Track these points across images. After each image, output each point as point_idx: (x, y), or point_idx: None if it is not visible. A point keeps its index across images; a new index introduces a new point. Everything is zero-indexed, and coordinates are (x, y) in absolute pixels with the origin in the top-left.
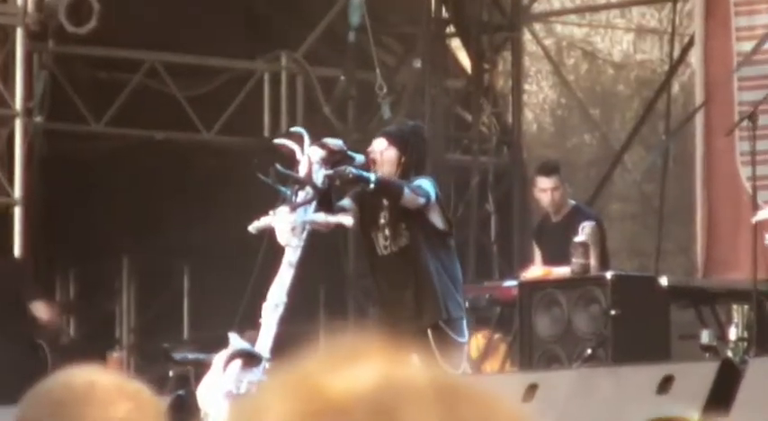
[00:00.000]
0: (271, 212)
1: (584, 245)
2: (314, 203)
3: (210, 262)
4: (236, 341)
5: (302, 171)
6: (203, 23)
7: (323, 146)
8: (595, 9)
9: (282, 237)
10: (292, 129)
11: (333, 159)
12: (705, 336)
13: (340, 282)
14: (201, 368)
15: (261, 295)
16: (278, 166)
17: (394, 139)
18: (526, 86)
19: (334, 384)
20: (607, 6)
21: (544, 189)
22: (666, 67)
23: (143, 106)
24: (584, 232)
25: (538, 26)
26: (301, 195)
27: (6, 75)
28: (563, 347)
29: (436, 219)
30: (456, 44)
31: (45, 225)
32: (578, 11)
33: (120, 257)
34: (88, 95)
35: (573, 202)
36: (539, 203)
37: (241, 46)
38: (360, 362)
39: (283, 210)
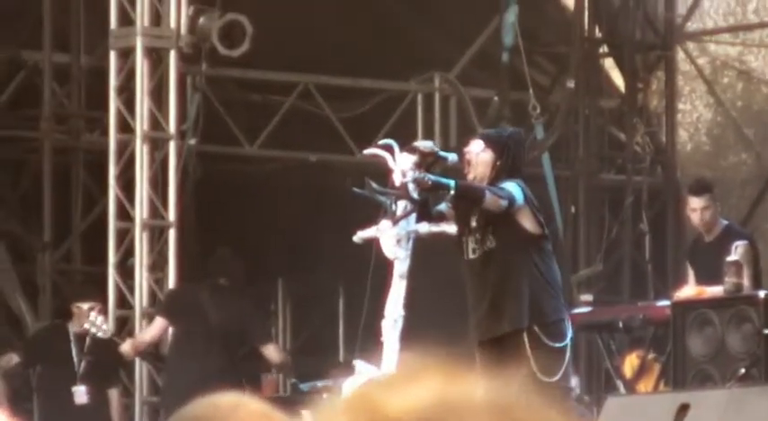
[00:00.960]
0: (374, 227)
1: (736, 264)
2: (414, 215)
3: (366, 283)
4: (362, 367)
5: (396, 180)
6: (356, 45)
7: (413, 150)
8: (749, 28)
9: (389, 250)
10: (381, 141)
11: (425, 162)
12: None
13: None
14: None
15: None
16: (371, 182)
17: (491, 142)
18: (680, 105)
19: (392, 402)
20: (761, 25)
21: (694, 208)
22: None
23: (296, 128)
24: (737, 252)
25: (691, 45)
26: (400, 206)
27: (160, 97)
28: (716, 367)
29: (527, 223)
30: (609, 64)
31: (199, 247)
32: (732, 30)
33: (275, 279)
34: (241, 117)
35: (726, 222)
36: (691, 222)
37: (394, 67)
38: (418, 381)
39: (385, 223)
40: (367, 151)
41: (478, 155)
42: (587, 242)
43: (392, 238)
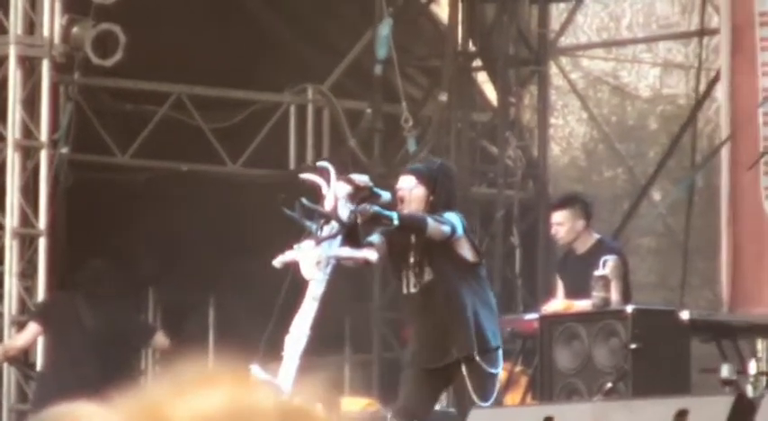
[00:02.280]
0: (296, 246)
1: (604, 278)
2: (339, 238)
3: (236, 294)
4: (258, 373)
5: (328, 205)
6: (230, 56)
7: (349, 181)
8: (622, 43)
9: (307, 270)
10: (319, 163)
11: (359, 195)
12: (725, 370)
13: (365, 314)
14: None
15: (284, 328)
16: (303, 200)
17: (422, 177)
18: (552, 120)
19: (179, 410)
20: (633, 41)
21: (551, 223)
22: (693, 102)
23: (169, 138)
24: (607, 266)
25: (564, 60)
26: (326, 230)
27: (32, 106)
28: (583, 381)
29: (465, 252)
30: (482, 78)
31: (69, 256)
32: (605, 45)
33: (146, 289)
34: (114, 127)
35: (597, 236)
36: None
37: (268, 79)
38: (205, 388)
39: (308, 244)
40: (303, 175)
41: (411, 191)
42: None
43: (312, 259)
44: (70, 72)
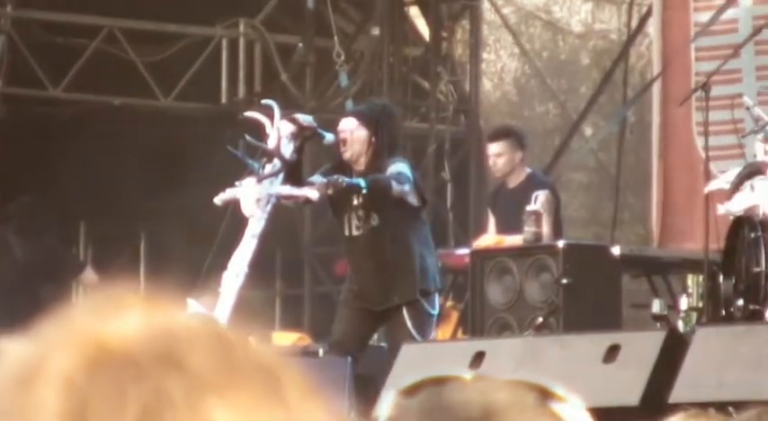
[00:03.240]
0: (237, 183)
1: (536, 213)
2: (281, 176)
3: (167, 228)
4: (194, 307)
5: (271, 143)
6: None
7: (293, 121)
8: None
9: (247, 208)
10: (263, 101)
11: (302, 135)
12: (656, 306)
13: (296, 249)
14: None
15: (221, 264)
16: (248, 137)
17: (364, 119)
18: (485, 55)
19: (111, 333)
20: None
21: (489, 154)
22: (624, 38)
23: (101, 72)
24: (538, 200)
25: None
26: (269, 168)
27: None
28: (515, 316)
29: (411, 198)
30: (414, 12)
31: (1, 190)
32: None
33: (77, 222)
34: (46, 60)
35: (528, 170)
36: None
37: (199, 12)
38: (127, 312)
39: (250, 181)
40: (247, 114)
41: (353, 133)
42: None
43: (253, 197)
44: (2, 4)
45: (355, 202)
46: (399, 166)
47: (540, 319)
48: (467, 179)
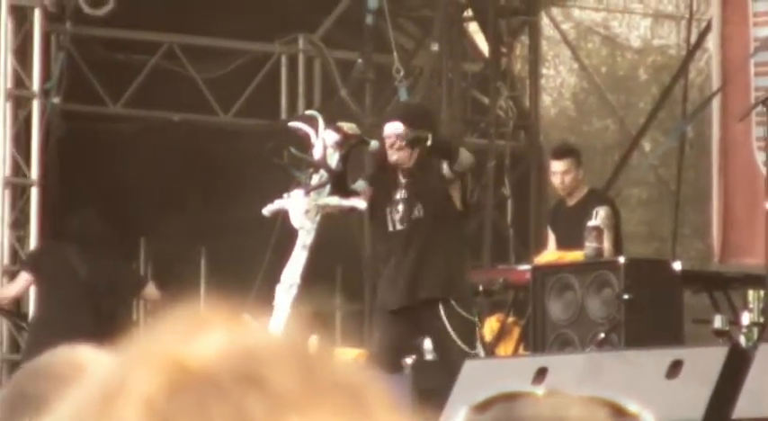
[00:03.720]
0: (285, 195)
1: (597, 229)
2: (328, 187)
3: (227, 244)
4: (251, 322)
5: (317, 154)
6: (221, 6)
7: (338, 129)
8: None
9: (296, 220)
10: (307, 112)
11: (347, 143)
12: (718, 321)
13: (356, 263)
14: None
15: (274, 278)
16: (292, 149)
17: (408, 122)
18: (544, 70)
19: (192, 353)
20: None
21: (555, 172)
22: (684, 53)
23: (160, 88)
24: (599, 216)
25: (555, 10)
26: (315, 179)
27: (24, 56)
28: (576, 331)
29: (456, 198)
30: (473, 28)
31: (62, 206)
32: None
33: (137, 239)
34: (105, 77)
35: (588, 187)
36: (553, 187)
37: (259, 29)
38: (208, 330)
39: (298, 193)
40: (292, 124)
41: (399, 137)
42: None
43: (302, 208)
44: (62, 21)
45: (398, 196)
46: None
47: (602, 335)
48: (527, 195)
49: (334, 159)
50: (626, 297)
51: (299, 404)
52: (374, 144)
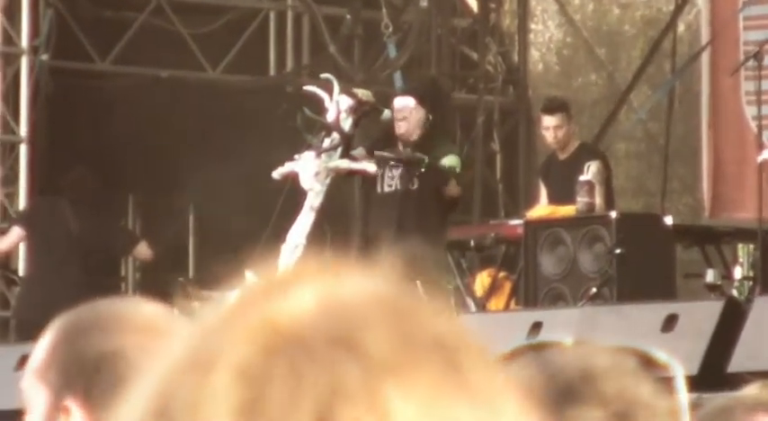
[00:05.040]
0: (296, 157)
1: (589, 183)
2: (339, 150)
3: (216, 201)
4: (252, 278)
5: (330, 117)
6: None
7: (353, 95)
8: None
9: (306, 181)
10: (322, 75)
11: (361, 109)
12: (710, 275)
13: (346, 224)
14: None
15: (276, 237)
16: (306, 111)
17: (420, 98)
18: (532, 26)
19: (283, 314)
20: None
21: (547, 127)
22: (672, 7)
23: (149, 45)
24: (590, 171)
25: None
26: (327, 141)
27: (12, 13)
28: (568, 286)
29: (453, 188)
30: None
31: (51, 163)
32: None
33: (126, 195)
34: (94, 34)
35: (579, 141)
36: (544, 141)
37: None
38: (298, 288)
39: (309, 155)
40: (306, 88)
41: (411, 112)
42: None
43: (312, 170)
44: None
45: (392, 162)
46: (452, 160)
47: (594, 289)
48: (516, 149)
49: (347, 124)
50: (618, 251)
51: (395, 367)
52: (387, 113)
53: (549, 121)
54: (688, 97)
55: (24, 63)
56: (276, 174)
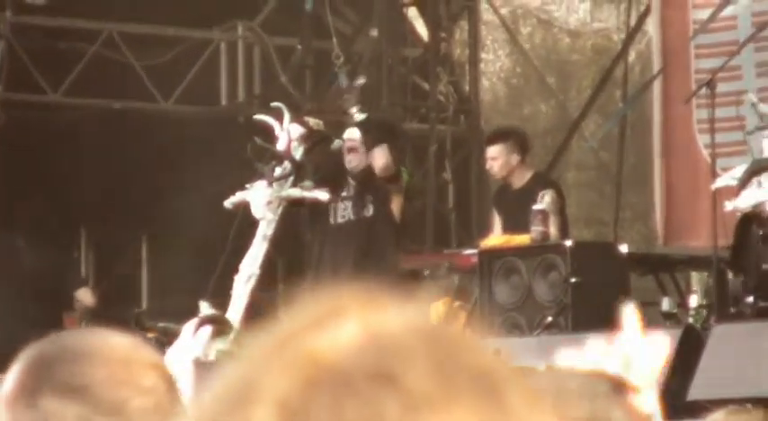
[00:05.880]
0: (247, 186)
1: (543, 212)
2: (291, 179)
3: (169, 232)
4: (206, 309)
5: (281, 146)
6: None
7: (304, 124)
8: None
9: (258, 210)
10: (272, 104)
11: (312, 138)
12: (666, 304)
13: (298, 253)
14: (170, 336)
15: (229, 267)
16: (257, 140)
17: (364, 129)
18: (483, 55)
19: (324, 348)
20: None
21: (486, 158)
22: (623, 36)
23: (101, 76)
24: (544, 200)
25: None
26: (279, 170)
27: None
28: (523, 315)
29: (396, 209)
30: (413, 13)
31: (3, 194)
32: None
33: (78, 227)
34: (46, 65)
35: (533, 171)
36: None
37: (197, 15)
38: (338, 320)
39: (260, 184)
40: (257, 117)
41: (362, 146)
42: None
43: (264, 199)
44: (2, 10)
45: (345, 193)
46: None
47: (550, 318)
48: (468, 179)
49: (298, 152)
50: (573, 280)
51: (436, 402)
52: (337, 143)
53: (487, 152)
54: (640, 126)
55: None
56: (228, 203)
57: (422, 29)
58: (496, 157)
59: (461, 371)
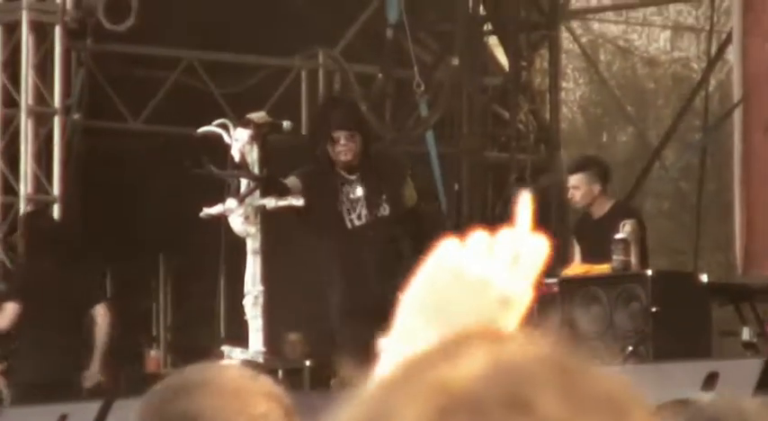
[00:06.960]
0: (220, 205)
1: (624, 242)
2: (259, 190)
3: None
4: (230, 351)
5: (235, 156)
6: (241, 20)
7: (246, 123)
8: (632, 6)
9: (239, 228)
10: (215, 122)
11: (261, 132)
12: (746, 333)
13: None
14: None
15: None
16: (208, 164)
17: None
18: (563, 84)
19: (455, 377)
20: (644, 4)
21: (568, 187)
22: (704, 65)
23: (181, 104)
24: (625, 229)
25: (575, 23)
26: (244, 185)
27: (45, 73)
28: (604, 344)
29: (408, 195)
30: (493, 42)
31: (82, 223)
32: (615, 8)
33: (156, 255)
34: (126, 93)
35: (614, 200)
36: None
37: (278, 43)
38: (468, 350)
39: (231, 202)
40: (200, 130)
41: (353, 138)
42: (471, 220)
43: (240, 216)
44: (82, 38)
45: (353, 196)
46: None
47: (630, 348)
48: (548, 208)
49: (254, 155)
50: (654, 309)
51: None
52: (286, 125)
53: (568, 181)
54: (720, 155)
55: (57, 123)
56: (204, 213)
57: (502, 57)
58: (578, 186)
59: (589, 396)
